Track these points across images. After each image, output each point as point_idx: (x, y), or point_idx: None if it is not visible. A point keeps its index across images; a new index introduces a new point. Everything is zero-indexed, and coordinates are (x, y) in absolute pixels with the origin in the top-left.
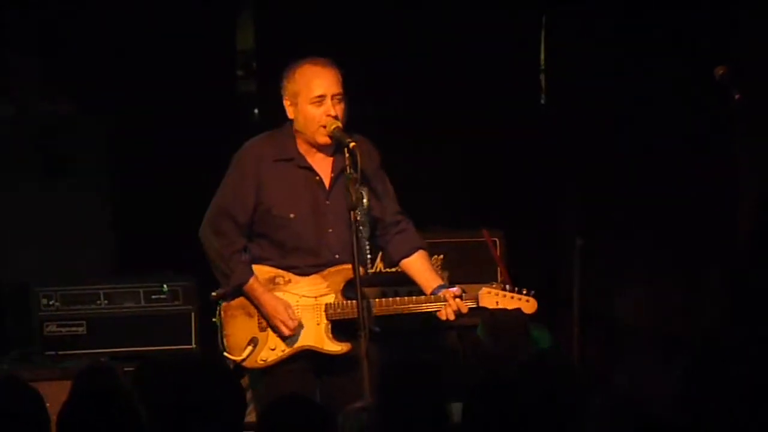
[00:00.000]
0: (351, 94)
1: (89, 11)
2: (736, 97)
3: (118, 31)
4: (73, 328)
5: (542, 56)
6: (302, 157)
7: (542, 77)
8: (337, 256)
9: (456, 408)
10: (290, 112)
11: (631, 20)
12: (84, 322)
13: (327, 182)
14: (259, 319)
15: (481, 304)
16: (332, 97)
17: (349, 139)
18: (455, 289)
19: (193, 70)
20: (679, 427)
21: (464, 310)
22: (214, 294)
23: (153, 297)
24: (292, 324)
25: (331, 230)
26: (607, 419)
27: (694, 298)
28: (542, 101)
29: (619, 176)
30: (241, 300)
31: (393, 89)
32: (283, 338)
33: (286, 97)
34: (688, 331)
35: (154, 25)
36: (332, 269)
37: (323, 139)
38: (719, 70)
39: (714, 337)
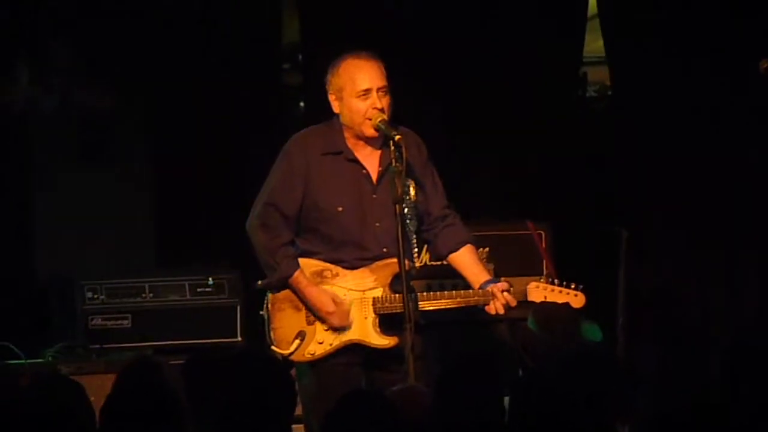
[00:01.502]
0: (394, 86)
1: (133, 2)
2: None
3: (162, 22)
4: (118, 322)
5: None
6: (350, 151)
7: (585, 69)
8: (385, 250)
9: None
10: (336, 107)
11: (680, 14)
12: (129, 316)
13: (374, 176)
14: (306, 313)
15: (529, 299)
16: (378, 90)
17: (395, 132)
18: (503, 284)
19: (238, 62)
20: (717, 416)
21: (513, 304)
22: (259, 283)
23: (198, 290)
24: (342, 309)
25: (378, 224)
26: (649, 412)
27: (737, 289)
28: (586, 93)
29: (663, 168)
30: (288, 293)
31: (437, 81)
32: (331, 331)
33: (331, 92)
34: (730, 324)
35: (200, 16)
36: (380, 263)
37: (370, 131)
38: (764, 64)
39: (753, 328)
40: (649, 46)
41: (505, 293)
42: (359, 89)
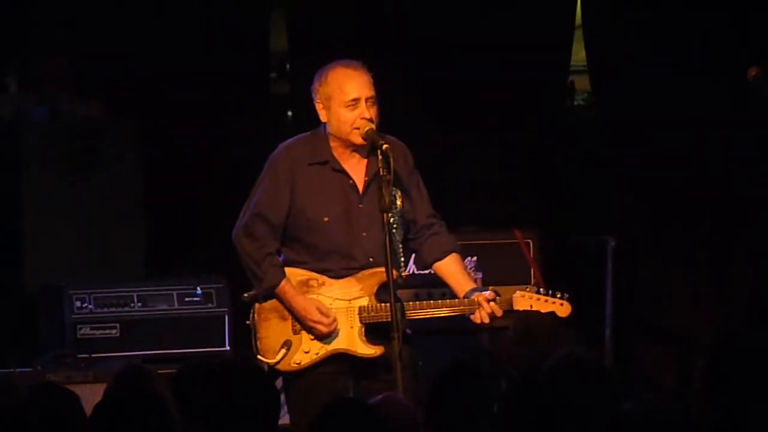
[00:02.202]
0: (381, 94)
1: (122, 11)
2: None
3: (152, 31)
4: (107, 331)
5: (582, 55)
6: (336, 161)
7: (572, 77)
8: (371, 259)
9: None
10: (323, 116)
11: (667, 21)
12: (117, 325)
13: (361, 186)
14: (292, 322)
15: (515, 308)
16: (366, 99)
17: (382, 141)
18: (488, 293)
19: (226, 71)
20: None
21: (498, 313)
22: (245, 295)
23: (186, 299)
24: (327, 320)
25: (365, 233)
26: (633, 420)
27: (726, 297)
28: (574, 101)
29: (650, 176)
30: (274, 303)
31: (424, 89)
32: (318, 340)
33: (319, 101)
34: (717, 330)
35: (189, 26)
36: (366, 272)
37: (358, 140)
38: (752, 71)
39: (737, 334)
40: (632, 55)
41: (491, 303)
42: (348, 98)
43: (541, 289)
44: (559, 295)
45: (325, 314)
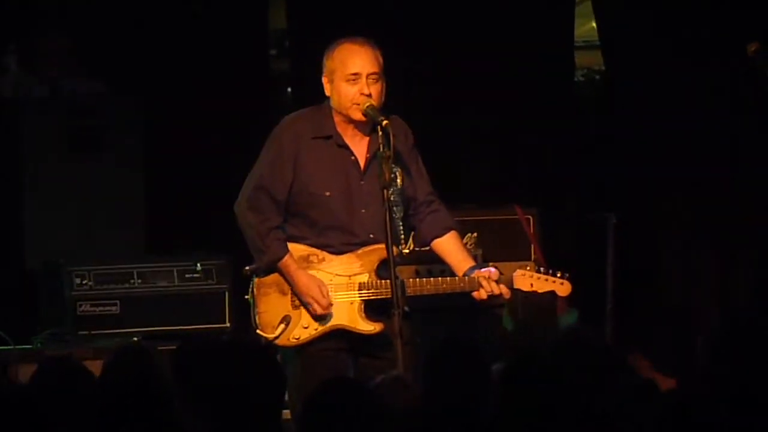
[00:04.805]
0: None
1: None
2: None
3: (151, 9)
4: (107, 308)
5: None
6: (340, 136)
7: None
8: (371, 236)
9: None
10: (327, 89)
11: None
12: (117, 302)
13: (362, 162)
14: (292, 297)
15: (515, 286)
16: (367, 76)
17: (382, 117)
18: (493, 270)
19: (226, 48)
20: (702, 405)
21: (507, 295)
22: (246, 269)
23: (186, 276)
24: (324, 302)
25: (364, 210)
26: (633, 399)
27: (729, 276)
28: (574, 78)
29: (653, 153)
30: (274, 277)
31: (425, 66)
32: (317, 317)
33: (325, 74)
34: (720, 310)
35: (188, 3)
36: (366, 248)
37: (357, 116)
38: (752, 47)
39: (740, 313)
40: (642, 30)
41: (501, 285)
42: (348, 72)
43: (542, 268)
44: (559, 274)
45: (324, 296)
